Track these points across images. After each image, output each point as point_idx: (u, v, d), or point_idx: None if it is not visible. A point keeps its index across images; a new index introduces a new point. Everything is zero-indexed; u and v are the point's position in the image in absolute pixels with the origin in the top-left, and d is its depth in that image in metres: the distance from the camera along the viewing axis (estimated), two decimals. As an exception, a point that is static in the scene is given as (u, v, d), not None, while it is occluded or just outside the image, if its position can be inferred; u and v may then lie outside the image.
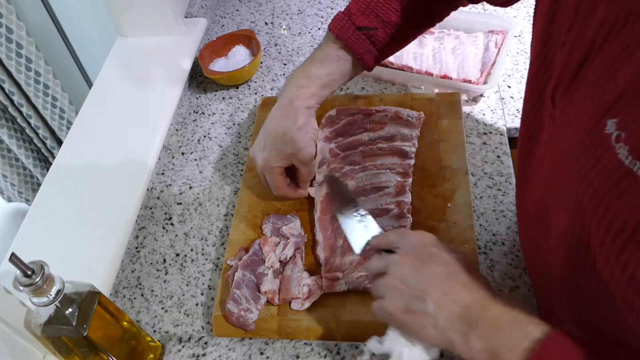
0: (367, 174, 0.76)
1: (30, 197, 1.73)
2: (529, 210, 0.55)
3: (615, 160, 0.36)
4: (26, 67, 1.42)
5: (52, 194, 0.84)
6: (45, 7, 1.44)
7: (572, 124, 0.43)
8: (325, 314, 0.66)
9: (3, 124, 1.53)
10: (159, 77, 1.00)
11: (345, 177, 0.76)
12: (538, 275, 0.58)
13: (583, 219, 0.40)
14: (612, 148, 0.36)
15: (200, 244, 0.79)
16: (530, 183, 0.53)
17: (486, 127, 0.86)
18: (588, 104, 0.40)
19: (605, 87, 0.38)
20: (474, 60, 0.94)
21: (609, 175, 0.37)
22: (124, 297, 0.75)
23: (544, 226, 0.49)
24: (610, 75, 0.37)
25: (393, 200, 0.72)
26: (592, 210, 0.39)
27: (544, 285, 0.57)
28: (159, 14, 1.03)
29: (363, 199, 0.73)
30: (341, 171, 0.77)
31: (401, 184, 0.74)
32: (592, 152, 0.39)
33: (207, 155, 0.91)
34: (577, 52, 0.42)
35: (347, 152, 0.79)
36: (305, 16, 1.15)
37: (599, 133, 0.37)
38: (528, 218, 0.56)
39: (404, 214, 0.71)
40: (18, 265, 0.50)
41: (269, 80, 1.03)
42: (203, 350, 0.66)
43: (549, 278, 0.50)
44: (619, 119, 0.36)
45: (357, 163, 0.77)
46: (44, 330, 0.55)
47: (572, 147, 0.42)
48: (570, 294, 0.47)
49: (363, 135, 0.80)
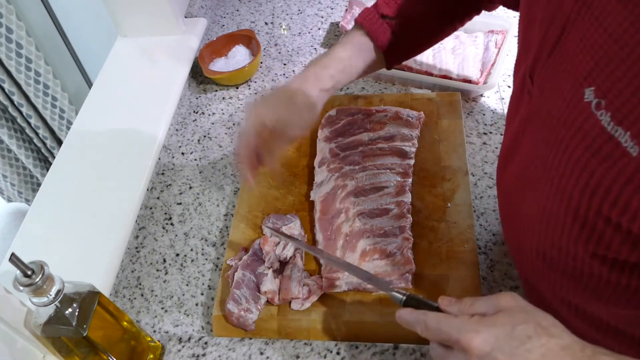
0: (367, 174, 0.76)
1: (30, 197, 1.73)
2: (506, 188, 0.56)
3: (597, 127, 0.37)
4: (26, 67, 1.42)
5: (52, 194, 0.84)
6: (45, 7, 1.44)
7: (551, 98, 0.43)
8: (325, 314, 0.66)
9: (3, 124, 1.53)
10: (159, 77, 1.00)
11: (345, 177, 0.76)
12: (517, 255, 0.58)
13: (564, 190, 0.41)
14: (593, 116, 0.37)
15: (200, 244, 0.79)
16: (509, 162, 0.54)
17: (486, 127, 0.86)
18: (566, 77, 0.41)
19: (581, 58, 0.39)
20: (474, 60, 0.94)
21: (590, 143, 0.38)
22: (124, 297, 0.75)
23: (519, 204, 0.51)
24: (584, 45, 0.38)
25: (393, 200, 0.72)
26: (575, 178, 0.40)
27: (523, 264, 0.57)
28: (159, 14, 1.03)
29: (363, 199, 0.73)
30: (341, 171, 0.77)
31: (401, 184, 0.74)
32: (572, 122, 0.40)
33: (207, 155, 0.91)
34: (554, 27, 0.43)
35: (347, 152, 0.79)
36: (305, 16, 1.15)
37: (578, 102, 0.39)
38: (506, 196, 0.57)
39: (404, 214, 0.71)
40: (18, 265, 0.50)
41: (269, 80, 1.03)
42: (203, 350, 0.66)
43: (524, 255, 0.51)
44: (595, 87, 0.37)
45: (356, 163, 0.77)
46: (44, 330, 0.55)
47: (553, 121, 0.42)
48: (550, 271, 0.48)
49: (363, 135, 0.80)
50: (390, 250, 0.68)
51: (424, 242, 0.70)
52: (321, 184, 0.77)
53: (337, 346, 0.64)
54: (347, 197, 0.74)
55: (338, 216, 0.73)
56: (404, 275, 0.65)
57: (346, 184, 0.75)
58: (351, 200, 0.73)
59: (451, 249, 0.69)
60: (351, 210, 0.72)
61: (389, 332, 0.64)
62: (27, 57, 1.40)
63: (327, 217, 0.73)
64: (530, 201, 0.48)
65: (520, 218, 0.51)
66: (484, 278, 0.69)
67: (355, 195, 0.74)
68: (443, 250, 0.69)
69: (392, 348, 0.63)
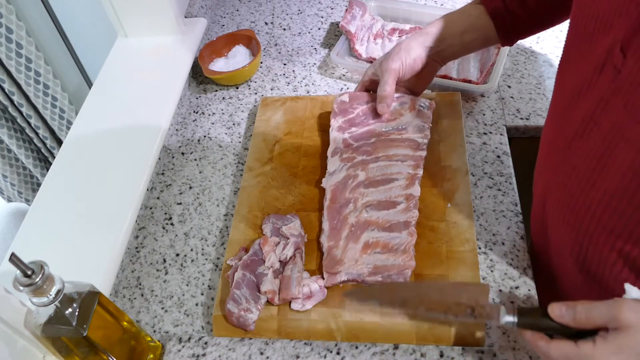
0: (378, 165, 0.76)
1: (30, 197, 1.73)
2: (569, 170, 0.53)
3: None
4: (26, 67, 1.42)
5: (52, 194, 0.84)
6: (45, 7, 1.44)
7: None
8: (325, 314, 0.66)
9: (3, 124, 1.53)
10: (159, 77, 1.00)
11: (356, 167, 0.76)
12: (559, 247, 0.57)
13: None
14: None
15: (200, 244, 0.79)
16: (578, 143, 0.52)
17: (486, 127, 0.86)
18: None
19: None
20: (474, 60, 0.94)
21: None
22: (124, 297, 0.75)
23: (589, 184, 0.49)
24: None
25: (402, 193, 0.72)
26: None
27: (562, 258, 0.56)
28: (159, 14, 1.03)
29: (373, 190, 0.73)
30: (353, 161, 0.77)
31: (412, 176, 0.74)
32: None
33: (207, 155, 0.91)
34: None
35: (360, 142, 0.79)
36: (305, 16, 1.15)
37: None
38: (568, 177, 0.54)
39: (411, 208, 0.71)
40: (18, 265, 0.50)
41: (269, 80, 1.03)
42: (203, 350, 0.66)
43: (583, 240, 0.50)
44: None
45: (369, 153, 0.77)
46: (43, 330, 0.55)
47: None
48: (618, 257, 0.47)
49: (376, 126, 0.80)
50: (393, 245, 0.68)
51: (423, 242, 0.70)
52: (333, 173, 0.77)
53: (337, 346, 0.64)
54: (357, 187, 0.74)
55: (347, 206, 0.73)
56: (404, 271, 0.65)
57: (357, 174, 0.75)
58: (361, 191, 0.73)
59: (451, 249, 0.69)
60: (360, 200, 0.73)
61: (389, 332, 0.64)
62: (27, 57, 1.40)
63: (336, 205, 0.73)
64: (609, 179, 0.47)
65: (589, 199, 0.49)
66: (483, 278, 0.69)
67: (365, 186, 0.74)
68: (443, 250, 0.69)
69: (392, 348, 0.63)
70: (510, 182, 0.78)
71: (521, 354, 0.62)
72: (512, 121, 0.87)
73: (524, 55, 0.98)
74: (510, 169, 0.80)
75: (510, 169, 0.80)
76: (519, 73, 0.95)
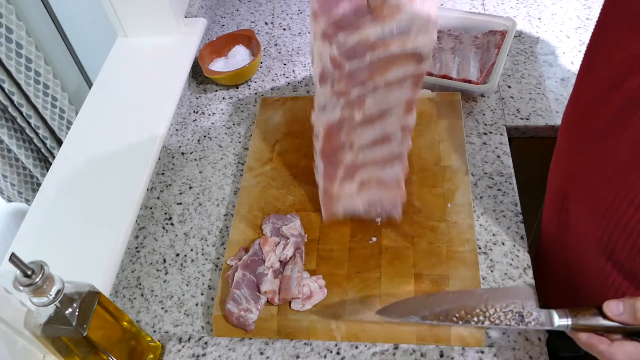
0: (375, 98, 0.65)
1: (30, 197, 1.73)
2: (602, 166, 0.51)
3: None
4: (26, 67, 1.42)
5: (52, 194, 0.84)
6: (45, 7, 1.44)
7: None
8: (325, 314, 0.66)
9: (3, 124, 1.53)
10: (158, 77, 1.00)
11: (352, 106, 0.65)
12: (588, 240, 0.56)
13: None
14: None
15: (200, 244, 0.79)
16: (608, 141, 0.51)
17: (486, 127, 0.86)
18: None
19: None
20: (474, 60, 0.94)
21: None
22: (124, 297, 0.75)
23: (625, 179, 0.48)
24: None
25: (398, 125, 0.67)
26: None
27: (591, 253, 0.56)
28: (159, 14, 1.03)
29: (369, 127, 0.67)
30: (348, 98, 0.64)
31: (409, 102, 0.65)
32: None
33: (207, 155, 0.91)
34: None
35: (353, 61, 0.61)
36: (305, 16, 1.15)
37: None
38: (603, 172, 0.52)
39: (406, 138, 0.67)
40: (18, 265, 0.50)
41: (269, 80, 1.03)
42: (203, 350, 0.66)
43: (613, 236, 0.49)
44: None
45: (364, 82, 0.63)
46: (44, 330, 0.55)
47: None
48: None
49: (370, 30, 0.59)
50: (385, 179, 0.68)
51: (423, 242, 0.70)
52: (324, 108, 0.65)
53: (337, 346, 0.64)
54: (353, 130, 0.67)
55: (342, 149, 0.69)
56: (395, 204, 0.66)
57: (353, 115, 0.66)
58: (357, 133, 0.68)
59: (451, 249, 0.69)
60: (355, 143, 0.69)
61: (389, 332, 0.64)
62: (27, 57, 1.40)
63: (330, 149, 0.69)
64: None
65: (623, 194, 0.48)
66: (483, 278, 0.69)
67: (361, 126, 0.67)
68: (443, 250, 0.69)
69: (392, 348, 0.63)
70: (510, 182, 0.78)
71: (521, 354, 0.62)
72: (512, 121, 0.87)
73: (524, 55, 0.98)
74: (510, 169, 0.80)
75: (510, 169, 0.80)
76: (519, 73, 0.95)
